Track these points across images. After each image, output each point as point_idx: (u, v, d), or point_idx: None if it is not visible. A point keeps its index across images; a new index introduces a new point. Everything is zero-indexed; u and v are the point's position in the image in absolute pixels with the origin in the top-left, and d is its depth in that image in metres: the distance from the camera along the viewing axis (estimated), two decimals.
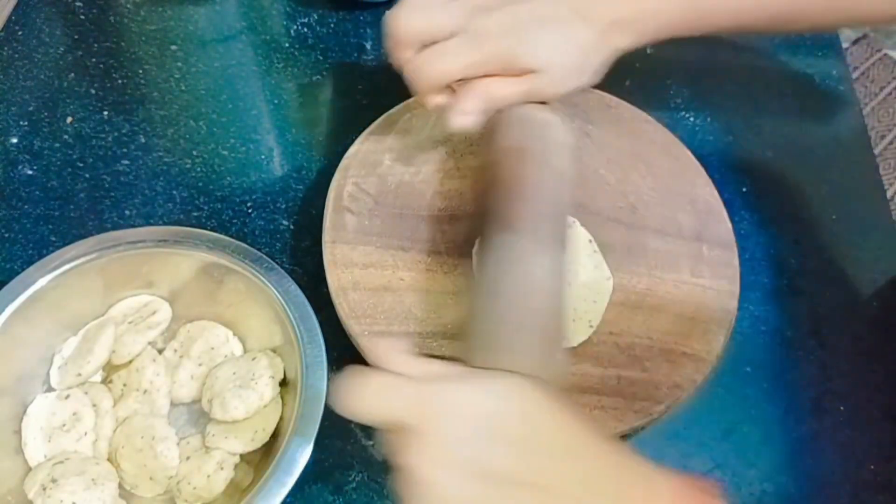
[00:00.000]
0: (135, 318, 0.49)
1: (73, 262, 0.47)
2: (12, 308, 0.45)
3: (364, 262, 0.51)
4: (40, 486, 0.42)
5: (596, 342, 0.49)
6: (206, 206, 0.57)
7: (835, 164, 0.61)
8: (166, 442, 0.45)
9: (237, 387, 0.46)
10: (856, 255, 0.48)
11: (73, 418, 0.45)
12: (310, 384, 0.44)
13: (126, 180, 0.58)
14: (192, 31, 0.67)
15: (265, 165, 0.60)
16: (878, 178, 0.62)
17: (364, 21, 0.69)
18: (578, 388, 0.47)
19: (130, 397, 0.46)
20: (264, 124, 0.63)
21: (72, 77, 0.64)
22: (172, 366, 0.48)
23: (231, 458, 0.45)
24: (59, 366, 0.47)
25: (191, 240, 0.49)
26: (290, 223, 0.57)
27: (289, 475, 0.41)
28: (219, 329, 0.49)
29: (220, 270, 0.48)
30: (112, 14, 0.68)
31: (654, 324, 0.50)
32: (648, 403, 0.47)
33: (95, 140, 0.60)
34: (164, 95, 0.63)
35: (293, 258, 0.55)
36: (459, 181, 0.56)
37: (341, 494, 0.46)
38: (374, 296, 0.50)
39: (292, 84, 0.65)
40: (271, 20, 0.69)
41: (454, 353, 0.48)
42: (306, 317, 0.46)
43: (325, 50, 0.67)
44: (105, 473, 0.44)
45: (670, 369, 0.48)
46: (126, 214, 0.56)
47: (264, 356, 0.47)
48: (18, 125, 0.61)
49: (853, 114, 0.66)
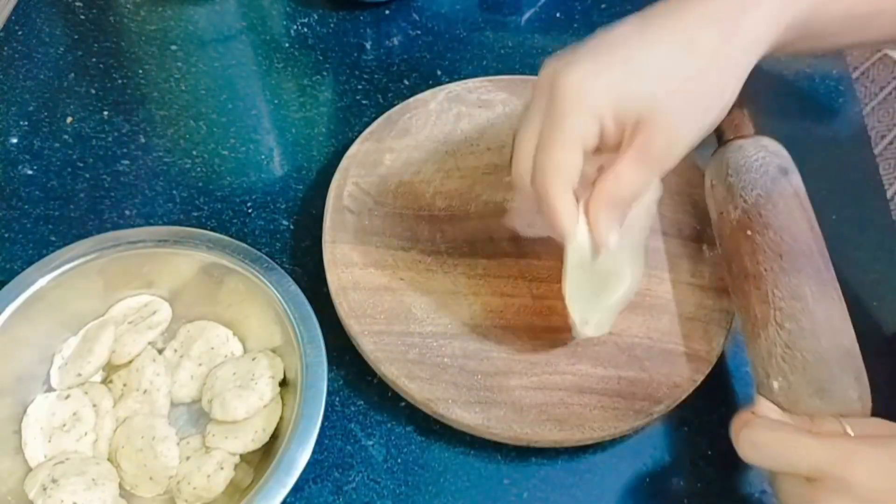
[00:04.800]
0: (135, 318, 0.49)
1: (73, 262, 0.47)
2: (12, 308, 0.45)
3: (364, 262, 0.51)
4: (41, 486, 0.42)
5: (596, 342, 0.49)
6: (206, 206, 0.57)
7: (835, 164, 0.61)
8: (166, 442, 0.45)
9: (237, 387, 0.46)
10: (856, 255, 0.48)
11: (73, 418, 0.45)
12: (310, 384, 0.44)
13: (126, 180, 0.58)
14: (192, 31, 0.67)
15: (265, 165, 0.60)
16: (878, 178, 0.62)
17: (364, 21, 0.69)
18: (578, 388, 0.47)
19: (130, 397, 0.46)
20: (264, 124, 0.63)
21: (72, 77, 0.64)
22: (172, 366, 0.48)
23: (231, 458, 0.45)
24: (59, 366, 0.47)
25: (191, 240, 0.49)
26: (290, 223, 0.57)
27: (289, 475, 0.41)
28: (219, 329, 0.49)
29: (220, 270, 0.48)
30: (112, 14, 0.68)
31: (654, 324, 0.50)
32: (648, 403, 0.47)
33: (95, 140, 0.60)
34: (164, 95, 0.63)
35: (293, 258, 0.55)
36: (459, 181, 0.56)
37: (341, 494, 0.46)
38: (374, 296, 0.50)
39: (292, 84, 0.65)
40: (271, 20, 0.69)
41: (461, 353, 0.48)
42: (306, 317, 0.46)
43: (325, 50, 0.67)
44: (105, 473, 0.44)
45: (670, 369, 0.48)
46: (126, 214, 0.56)
47: (264, 356, 0.47)
48: (18, 125, 0.61)
49: (853, 114, 0.66)
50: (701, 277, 0.52)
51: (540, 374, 0.48)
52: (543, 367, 0.48)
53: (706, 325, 0.50)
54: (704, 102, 0.39)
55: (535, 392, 0.47)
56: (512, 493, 0.47)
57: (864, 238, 0.57)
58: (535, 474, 0.47)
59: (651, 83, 0.38)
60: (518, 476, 0.47)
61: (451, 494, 0.46)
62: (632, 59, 0.38)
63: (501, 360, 0.48)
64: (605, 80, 0.37)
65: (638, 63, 0.38)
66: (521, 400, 0.47)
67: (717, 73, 0.39)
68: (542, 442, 0.46)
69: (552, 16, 0.71)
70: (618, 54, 0.38)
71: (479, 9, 0.71)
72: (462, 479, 0.47)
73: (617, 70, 0.38)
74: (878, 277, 0.56)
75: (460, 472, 0.47)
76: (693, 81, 0.38)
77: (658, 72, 0.38)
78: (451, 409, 0.46)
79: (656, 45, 0.38)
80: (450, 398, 0.46)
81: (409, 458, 0.48)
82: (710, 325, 0.50)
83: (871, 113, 1.01)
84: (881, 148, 0.98)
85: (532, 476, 0.47)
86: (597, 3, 0.71)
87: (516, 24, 0.70)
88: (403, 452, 0.48)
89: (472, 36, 0.69)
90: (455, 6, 0.71)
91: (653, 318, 0.51)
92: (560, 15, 0.71)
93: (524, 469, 0.47)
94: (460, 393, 0.47)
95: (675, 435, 0.49)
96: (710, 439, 0.49)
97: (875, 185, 0.61)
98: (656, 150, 0.39)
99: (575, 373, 0.48)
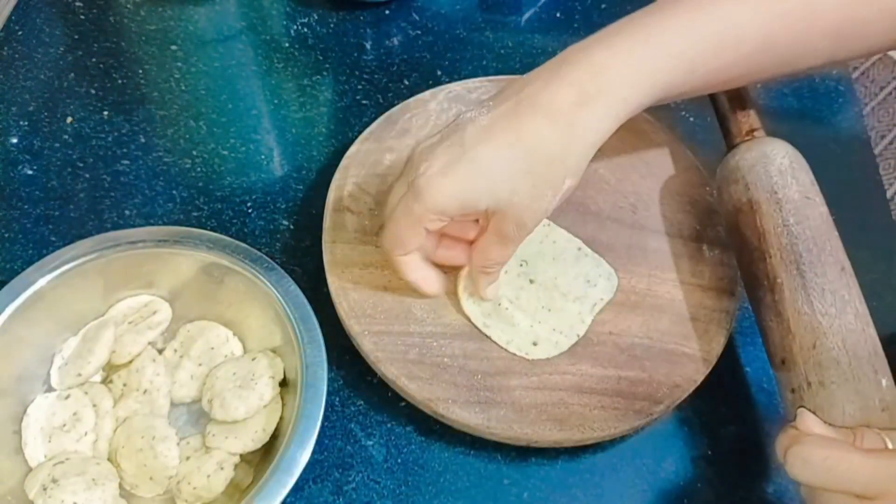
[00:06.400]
0: (135, 318, 0.49)
1: (73, 262, 0.47)
2: (12, 308, 0.45)
3: (364, 262, 0.51)
4: (41, 486, 0.42)
5: (596, 342, 0.49)
6: (206, 206, 0.57)
7: (835, 164, 0.61)
8: (166, 442, 0.45)
9: (237, 387, 0.46)
10: (856, 255, 0.48)
11: (74, 418, 0.45)
12: (310, 384, 0.44)
13: (126, 180, 0.58)
14: (192, 31, 0.67)
15: (265, 165, 0.60)
16: (878, 178, 0.62)
17: (364, 21, 0.69)
18: (578, 388, 0.47)
19: (130, 397, 0.46)
20: (264, 124, 0.63)
21: (72, 77, 0.64)
22: (172, 366, 0.48)
23: (231, 458, 0.45)
24: (59, 366, 0.47)
25: (191, 240, 0.49)
26: (290, 223, 0.57)
27: (289, 475, 0.41)
28: (219, 329, 0.49)
29: (220, 270, 0.48)
30: (112, 14, 0.68)
31: (654, 324, 0.50)
32: (648, 403, 0.47)
33: (95, 140, 0.60)
34: (164, 95, 0.63)
35: (293, 258, 0.55)
36: None
37: (341, 494, 0.46)
38: (374, 296, 0.50)
39: (292, 84, 0.65)
40: (271, 20, 0.69)
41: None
42: (306, 317, 0.46)
43: (325, 50, 0.67)
44: (105, 473, 0.44)
45: (670, 369, 0.48)
46: (126, 214, 0.56)
47: (264, 356, 0.47)
48: (18, 125, 0.61)
49: (853, 114, 0.66)
50: (701, 277, 0.52)
51: (540, 374, 0.48)
52: (543, 367, 0.48)
53: (706, 325, 0.50)
54: (547, 188, 0.44)
55: (535, 392, 0.47)
56: (512, 493, 0.47)
57: (864, 238, 0.57)
58: (535, 474, 0.47)
59: (494, 184, 0.43)
60: (518, 476, 0.47)
61: (451, 494, 0.46)
62: (477, 163, 0.43)
63: (501, 360, 0.48)
64: (455, 187, 0.43)
65: (483, 166, 0.43)
66: (521, 400, 0.47)
67: (557, 164, 0.44)
68: (542, 442, 0.46)
69: (552, 16, 0.71)
70: (466, 159, 0.43)
71: (479, 9, 0.71)
72: (462, 479, 0.47)
73: (464, 174, 0.43)
74: (878, 277, 0.56)
75: (460, 472, 0.47)
76: (534, 175, 0.43)
77: (501, 172, 0.43)
78: (451, 409, 0.46)
79: (500, 149, 0.43)
80: (450, 398, 0.46)
81: (409, 458, 0.48)
82: (710, 325, 0.50)
83: (871, 113, 1.01)
84: (881, 148, 0.98)
85: (532, 476, 0.47)
86: (597, 3, 0.71)
87: (516, 24, 0.70)
88: (403, 452, 0.48)
89: (472, 36, 0.69)
90: (455, 6, 0.71)
91: (653, 318, 0.51)
92: (560, 15, 0.71)
93: (524, 469, 0.47)
94: (460, 393, 0.47)
95: (675, 435, 0.49)
96: (710, 439, 0.49)
97: (875, 185, 0.61)
98: (508, 231, 0.45)
99: (575, 373, 0.48)
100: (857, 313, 0.44)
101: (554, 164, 0.44)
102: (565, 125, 0.43)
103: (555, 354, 0.49)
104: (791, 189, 0.48)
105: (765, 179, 0.49)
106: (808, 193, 0.49)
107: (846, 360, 0.42)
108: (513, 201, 0.44)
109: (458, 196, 0.44)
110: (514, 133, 0.43)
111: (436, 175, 0.43)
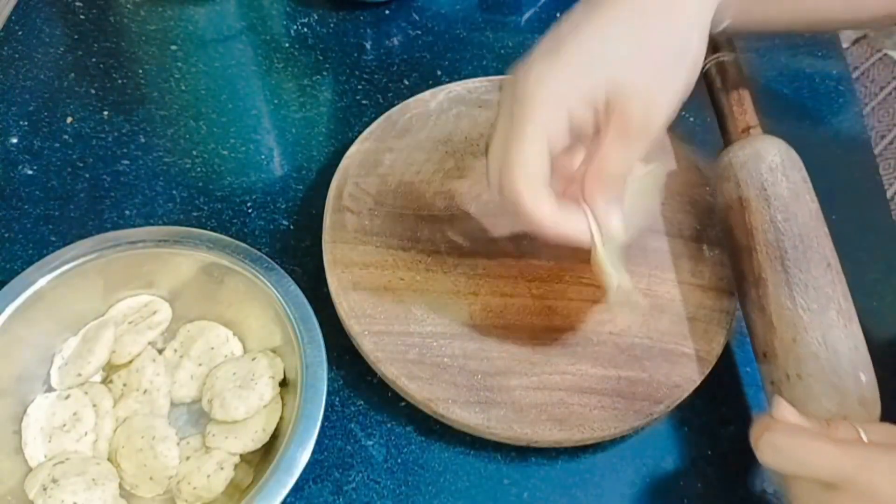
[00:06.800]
0: (135, 318, 0.49)
1: (73, 262, 0.47)
2: (12, 308, 0.45)
3: (364, 262, 0.51)
4: (41, 486, 0.42)
5: (596, 342, 0.49)
6: (206, 206, 0.57)
7: (835, 164, 0.61)
8: (166, 442, 0.45)
9: (237, 387, 0.46)
10: (856, 255, 0.48)
11: (74, 418, 0.45)
12: (310, 384, 0.44)
13: (126, 180, 0.58)
14: (192, 31, 0.67)
15: (265, 165, 0.60)
16: (878, 178, 0.62)
17: (364, 21, 0.69)
18: (578, 388, 0.47)
19: (130, 397, 0.46)
20: (264, 124, 0.63)
21: (72, 77, 0.64)
22: (172, 366, 0.48)
23: (231, 458, 0.45)
24: (59, 366, 0.47)
25: (191, 240, 0.49)
26: (290, 223, 0.57)
27: (289, 475, 0.41)
28: (219, 329, 0.49)
29: (220, 270, 0.48)
30: (112, 14, 0.68)
31: (654, 324, 0.50)
32: (648, 403, 0.47)
33: (95, 140, 0.60)
34: (164, 95, 0.63)
35: (293, 258, 0.55)
36: (459, 181, 0.56)
37: (341, 494, 0.46)
38: (374, 296, 0.50)
39: (292, 84, 0.65)
40: (271, 20, 0.69)
41: (458, 354, 0.48)
42: (306, 317, 0.46)
43: (325, 50, 0.67)
44: (105, 473, 0.44)
45: (670, 369, 0.48)
46: (126, 214, 0.56)
47: (264, 356, 0.47)
48: (18, 125, 0.61)
49: (853, 114, 0.66)
50: (701, 277, 0.52)
51: (540, 374, 0.48)
52: (543, 367, 0.48)
53: (706, 325, 0.50)
54: (670, 65, 0.39)
55: (535, 392, 0.47)
56: (512, 493, 0.47)
57: (864, 238, 0.57)
58: (535, 474, 0.47)
59: (610, 63, 0.38)
60: (518, 476, 0.47)
61: (451, 494, 0.46)
62: (587, 46, 0.38)
63: (501, 360, 0.48)
64: (564, 73, 0.37)
65: (594, 47, 0.38)
66: (521, 400, 0.47)
67: (675, 35, 0.39)
68: (542, 442, 0.46)
69: (552, 16, 0.71)
70: (572, 44, 0.38)
71: (479, 9, 0.71)
72: (462, 479, 0.47)
73: (574, 60, 0.38)
74: (878, 277, 0.56)
75: (460, 472, 0.47)
76: (652, 49, 0.38)
77: (615, 51, 0.38)
78: (451, 409, 0.46)
79: (607, 27, 0.38)
80: (450, 398, 0.46)
81: (409, 458, 0.48)
82: (710, 325, 0.50)
83: (871, 113, 1.01)
84: (881, 148, 0.98)
85: (532, 476, 0.47)
86: None
87: (516, 24, 0.70)
88: (403, 452, 0.48)
89: (472, 36, 0.69)
90: (455, 6, 0.71)
91: (653, 318, 0.51)
92: (560, 15, 0.70)
93: (524, 469, 0.47)
94: (460, 393, 0.47)
95: (675, 435, 0.49)
96: (710, 439, 0.49)
97: (875, 185, 0.61)
98: (635, 123, 0.38)
99: (575, 373, 0.48)
100: (840, 309, 0.44)
101: (674, 30, 0.39)
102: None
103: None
104: (780, 186, 0.48)
105: (755, 176, 0.49)
106: (799, 190, 0.49)
107: (825, 354, 0.43)
108: (636, 79, 0.38)
109: (574, 79, 0.37)
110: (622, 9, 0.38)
111: (542, 71, 0.37)
